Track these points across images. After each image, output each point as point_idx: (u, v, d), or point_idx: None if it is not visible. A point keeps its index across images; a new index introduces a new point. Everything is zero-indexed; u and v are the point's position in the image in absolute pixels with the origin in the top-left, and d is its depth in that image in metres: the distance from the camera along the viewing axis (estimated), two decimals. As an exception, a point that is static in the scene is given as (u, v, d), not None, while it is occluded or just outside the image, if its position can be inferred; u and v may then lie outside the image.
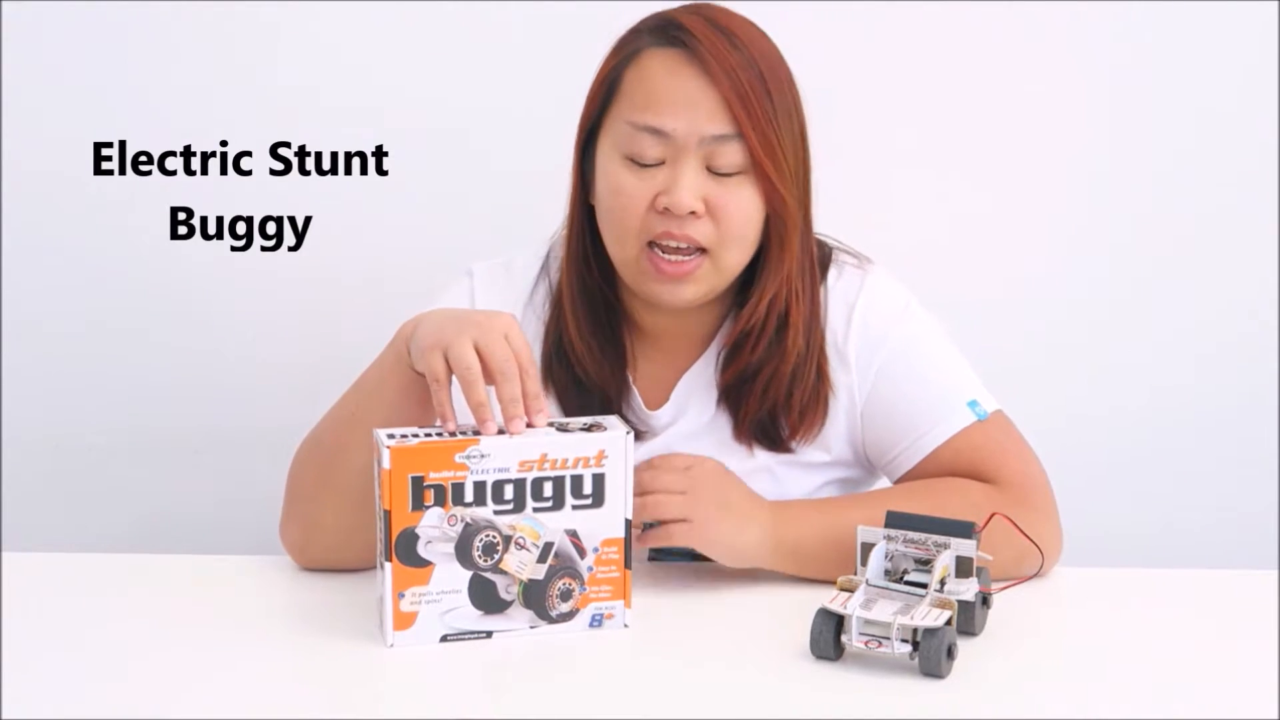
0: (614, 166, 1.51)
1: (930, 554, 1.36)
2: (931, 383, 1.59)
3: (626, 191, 1.50)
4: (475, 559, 1.34)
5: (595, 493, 1.36)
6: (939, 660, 1.28)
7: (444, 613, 1.35)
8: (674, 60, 1.49)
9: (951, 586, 1.35)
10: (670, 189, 1.48)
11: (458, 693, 1.30)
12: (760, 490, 1.53)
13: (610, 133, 1.52)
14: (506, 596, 1.36)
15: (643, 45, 1.52)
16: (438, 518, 1.32)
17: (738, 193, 1.49)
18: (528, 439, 1.34)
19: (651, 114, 1.48)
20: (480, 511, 1.33)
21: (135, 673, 1.31)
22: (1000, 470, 1.55)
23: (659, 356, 1.62)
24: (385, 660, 1.33)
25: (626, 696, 1.28)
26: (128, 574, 1.54)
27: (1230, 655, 1.37)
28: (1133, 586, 1.53)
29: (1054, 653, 1.38)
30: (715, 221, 1.49)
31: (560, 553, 1.36)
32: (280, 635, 1.38)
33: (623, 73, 1.52)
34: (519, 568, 1.35)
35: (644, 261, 1.51)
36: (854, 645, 1.30)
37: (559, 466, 1.34)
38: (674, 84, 1.48)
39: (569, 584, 1.37)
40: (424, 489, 1.32)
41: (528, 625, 1.37)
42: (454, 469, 1.32)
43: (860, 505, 1.50)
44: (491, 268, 1.66)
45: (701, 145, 1.48)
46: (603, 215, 1.54)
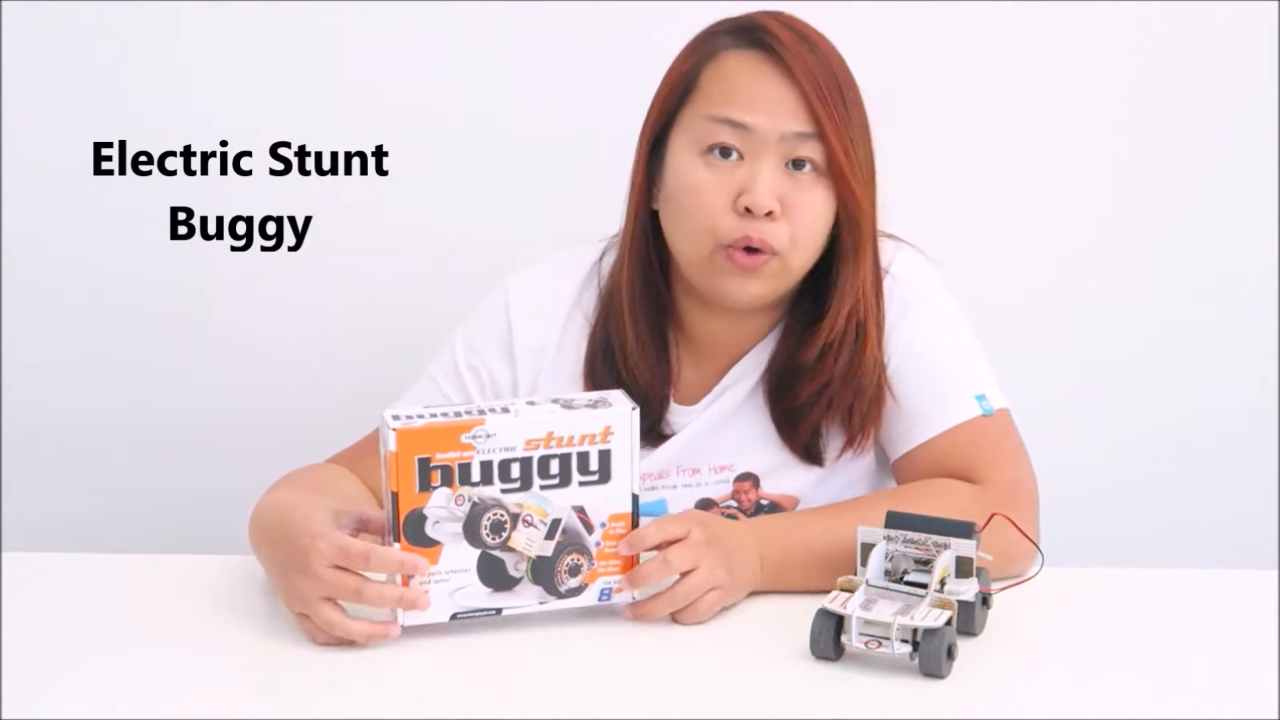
0: (690, 163, 1.52)
1: (930, 554, 1.36)
2: (942, 369, 1.59)
3: (704, 190, 1.51)
4: (483, 537, 1.35)
5: (602, 469, 1.36)
6: (939, 660, 1.28)
7: (453, 591, 1.35)
8: (755, 61, 1.51)
9: (951, 587, 1.35)
10: (750, 188, 1.49)
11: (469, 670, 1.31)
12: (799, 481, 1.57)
13: (685, 129, 1.53)
14: (515, 574, 1.36)
15: (722, 46, 1.53)
16: (445, 498, 1.33)
17: (811, 193, 1.51)
18: (534, 417, 1.34)
19: (733, 108, 1.50)
20: (487, 490, 1.33)
21: (135, 673, 1.31)
22: (989, 470, 1.54)
23: (700, 359, 1.62)
24: (390, 658, 1.33)
25: (629, 696, 1.28)
26: (128, 574, 1.54)
27: (1230, 655, 1.37)
28: (1133, 586, 1.53)
29: (1054, 653, 1.38)
30: (790, 221, 1.50)
31: (568, 529, 1.36)
32: (282, 636, 1.38)
33: (700, 72, 1.53)
34: (527, 545, 1.36)
35: (719, 256, 1.51)
36: (854, 645, 1.30)
37: (565, 444, 1.35)
38: (756, 82, 1.50)
39: (577, 560, 1.37)
40: (430, 470, 1.32)
41: (537, 601, 1.37)
42: (460, 449, 1.32)
43: (843, 514, 1.49)
44: (531, 279, 1.66)
45: (782, 142, 1.49)
46: (675, 213, 1.54)
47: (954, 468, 1.55)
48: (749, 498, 1.61)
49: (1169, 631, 1.42)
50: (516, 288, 1.65)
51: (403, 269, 2.15)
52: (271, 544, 1.43)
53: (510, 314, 1.63)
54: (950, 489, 1.52)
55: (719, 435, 1.61)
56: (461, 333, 1.65)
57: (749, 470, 1.61)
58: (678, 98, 1.55)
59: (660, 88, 1.57)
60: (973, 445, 1.56)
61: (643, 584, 1.39)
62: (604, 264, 1.64)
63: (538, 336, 1.62)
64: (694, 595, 1.39)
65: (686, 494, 1.62)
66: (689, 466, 1.62)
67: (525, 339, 1.62)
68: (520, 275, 1.66)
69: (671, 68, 1.57)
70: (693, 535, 1.39)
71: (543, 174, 2.11)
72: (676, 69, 1.56)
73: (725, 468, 1.62)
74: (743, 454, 1.61)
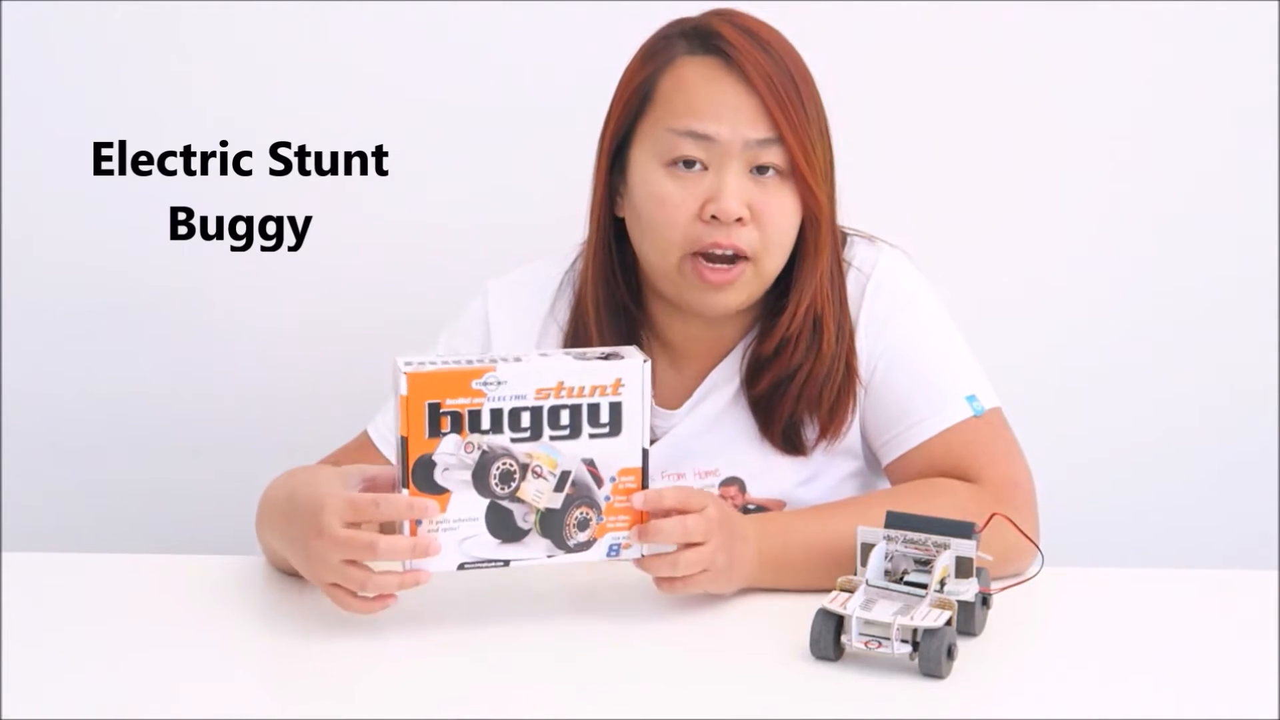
0: (654, 175, 1.51)
1: (930, 554, 1.35)
2: (932, 371, 1.58)
3: (671, 200, 1.50)
4: (492, 487, 1.34)
5: (612, 421, 1.35)
6: (939, 660, 1.28)
7: (461, 540, 1.35)
8: (711, 68, 1.50)
9: (951, 587, 1.35)
10: (717, 196, 1.49)
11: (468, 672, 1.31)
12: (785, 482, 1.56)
13: (647, 140, 1.53)
14: (524, 525, 1.36)
15: (677, 52, 1.52)
16: (454, 445, 1.32)
17: (778, 197, 1.51)
18: (545, 365, 1.34)
19: (695, 119, 1.49)
20: (497, 439, 1.33)
21: (135, 673, 1.31)
22: (985, 470, 1.54)
23: (680, 363, 1.62)
24: (391, 659, 1.33)
25: (631, 697, 1.28)
26: (128, 574, 1.54)
27: (1230, 655, 1.37)
28: (1133, 586, 1.53)
29: (1054, 653, 1.38)
30: (759, 227, 1.50)
31: (577, 481, 1.36)
32: (283, 636, 1.38)
33: (657, 81, 1.52)
34: (536, 496, 1.35)
35: (688, 270, 1.51)
36: (854, 645, 1.30)
37: (576, 394, 1.34)
38: (714, 90, 1.50)
39: (586, 513, 1.37)
40: (440, 415, 1.31)
41: (545, 554, 1.37)
42: (471, 395, 1.32)
43: (842, 513, 1.49)
44: (509, 285, 1.66)
45: (745, 149, 1.49)
46: (643, 225, 1.54)
47: (948, 469, 1.55)
48: (735, 502, 1.60)
49: (1169, 631, 1.42)
50: (495, 295, 1.66)
51: (402, 269, 2.15)
52: (285, 518, 1.41)
53: (489, 322, 1.64)
54: (949, 488, 1.52)
55: (703, 439, 1.61)
56: (444, 339, 1.67)
57: (734, 475, 1.61)
58: (635, 107, 1.54)
59: (617, 95, 1.56)
60: (965, 446, 1.55)
61: (653, 540, 1.38)
62: (576, 271, 1.64)
63: (514, 345, 1.63)
64: (694, 569, 1.38)
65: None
66: (673, 472, 1.61)
67: (502, 348, 1.63)
68: (498, 283, 1.67)
69: (627, 74, 1.56)
70: (709, 511, 1.39)
71: (544, 174, 2.11)
72: (633, 77, 1.55)
73: (710, 472, 1.62)
74: (727, 458, 1.61)
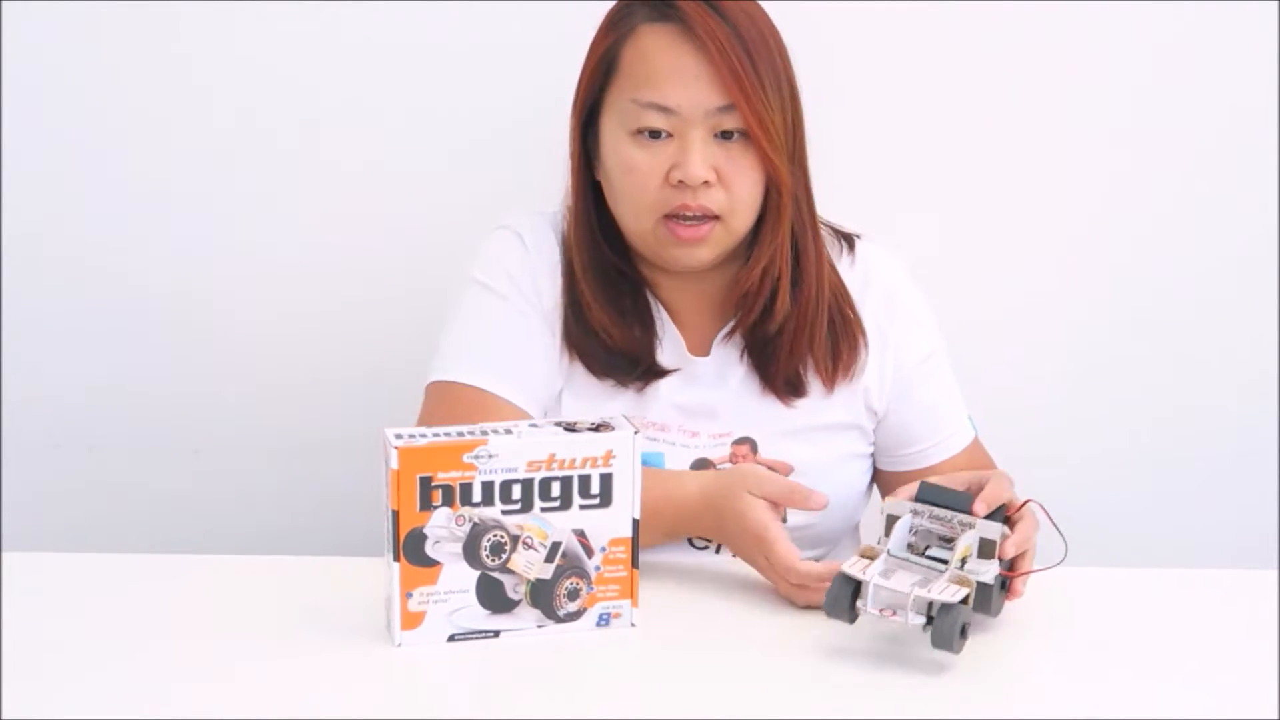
0: (623, 144, 1.56)
1: (954, 533, 1.36)
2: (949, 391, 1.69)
3: (640, 168, 1.55)
4: (483, 559, 1.34)
5: (603, 492, 1.36)
6: (951, 636, 1.28)
7: (451, 612, 1.35)
8: (670, 36, 1.54)
9: (972, 565, 1.35)
10: (682, 162, 1.53)
11: (466, 693, 1.31)
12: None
13: (614, 111, 1.57)
14: (514, 596, 1.36)
15: (638, 20, 1.56)
16: (445, 518, 1.33)
17: (743, 159, 1.55)
18: (536, 439, 1.34)
19: (656, 91, 1.53)
20: (488, 511, 1.33)
21: (136, 673, 1.31)
22: None
23: (701, 306, 1.65)
24: (392, 661, 1.33)
25: (632, 697, 1.28)
26: (128, 574, 1.54)
27: (1230, 655, 1.37)
28: (1133, 586, 1.54)
29: (1054, 652, 1.38)
30: (725, 188, 1.54)
31: (568, 552, 1.36)
32: (283, 636, 1.38)
33: (620, 51, 1.56)
34: (526, 567, 1.35)
35: (661, 230, 1.56)
36: (869, 610, 1.30)
37: (567, 466, 1.35)
38: (673, 59, 1.53)
39: (576, 583, 1.37)
40: (432, 489, 1.32)
41: (535, 625, 1.37)
42: (462, 469, 1.32)
43: None
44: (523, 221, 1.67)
45: (707, 117, 1.53)
46: (616, 192, 1.58)
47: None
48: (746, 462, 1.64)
49: (1169, 631, 1.42)
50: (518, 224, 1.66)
51: (403, 269, 2.15)
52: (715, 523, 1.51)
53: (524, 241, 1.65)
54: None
55: (719, 395, 1.64)
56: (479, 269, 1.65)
57: (747, 435, 1.64)
58: (601, 77, 1.58)
59: (585, 64, 1.60)
60: (971, 460, 1.65)
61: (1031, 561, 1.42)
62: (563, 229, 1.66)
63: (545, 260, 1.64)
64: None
65: (685, 453, 1.64)
66: (689, 429, 1.64)
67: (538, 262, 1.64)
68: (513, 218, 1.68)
69: (593, 44, 1.60)
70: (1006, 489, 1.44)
71: (544, 174, 2.11)
72: (597, 46, 1.59)
73: (724, 435, 1.64)
74: (741, 418, 1.64)
